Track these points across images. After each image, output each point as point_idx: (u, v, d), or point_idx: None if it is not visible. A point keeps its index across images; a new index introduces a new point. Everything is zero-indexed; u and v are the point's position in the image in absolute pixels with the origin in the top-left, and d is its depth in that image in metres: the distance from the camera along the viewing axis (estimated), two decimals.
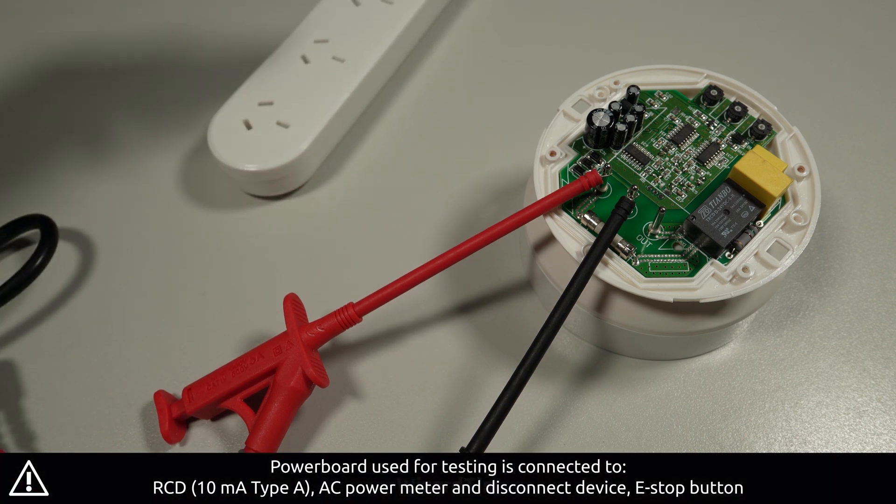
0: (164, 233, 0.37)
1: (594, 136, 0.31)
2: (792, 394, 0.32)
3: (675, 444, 0.31)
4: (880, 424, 0.31)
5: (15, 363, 0.33)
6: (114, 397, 0.32)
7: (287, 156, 0.36)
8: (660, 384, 0.32)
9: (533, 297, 0.34)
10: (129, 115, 0.41)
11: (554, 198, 0.29)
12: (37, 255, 0.33)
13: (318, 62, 0.39)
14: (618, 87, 0.33)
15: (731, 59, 0.42)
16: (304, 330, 0.30)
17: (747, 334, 0.33)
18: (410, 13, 0.41)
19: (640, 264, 0.29)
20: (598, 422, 0.31)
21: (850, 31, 0.43)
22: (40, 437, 0.31)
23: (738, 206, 0.28)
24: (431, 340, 0.33)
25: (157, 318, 0.34)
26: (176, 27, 0.44)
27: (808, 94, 0.41)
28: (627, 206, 0.28)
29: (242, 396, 0.30)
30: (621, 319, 0.30)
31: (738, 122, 0.32)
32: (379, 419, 0.31)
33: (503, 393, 0.27)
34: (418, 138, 0.40)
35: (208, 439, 0.31)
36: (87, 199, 0.38)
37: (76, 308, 0.34)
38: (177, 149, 0.40)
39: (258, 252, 0.36)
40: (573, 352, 0.33)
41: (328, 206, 0.38)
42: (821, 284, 0.34)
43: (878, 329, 0.33)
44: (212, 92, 0.41)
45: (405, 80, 0.42)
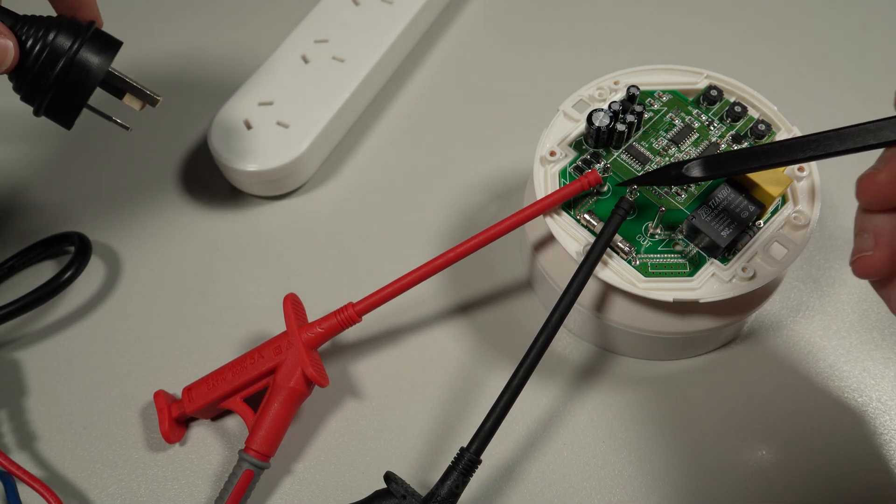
0: (164, 232, 0.37)
1: (594, 136, 0.31)
2: (792, 394, 0.32)
3: (675, 444, 0.31)
4: (880, 424, 0.31)
5: (19, 362, 0.33)
6: (114, 397, 0.32)
7: (287, 156, 0.36)
8: (660, 384, 0.32)
9: (533, 297, 0.34)
10: (130, 115, 0.41)
11: (554, 198, 0.29)
12: (65, 270, 0.33)
13: (318, 62, 0.39)
14: (618, 87, 0.33)
15: (731, 59, 0.42)
16: (304, 330, 0.30)
17: (747, 334, 0.33)
18: (410, 13, 0.41)
19: (640, 264, 0.29)
20: (598, 421, 0.31)
21: (850, 31, 0.43)
22: (40, 437, 0.31)
23: (738, 206, 0.28)
24: (431, 340, 0.33)
25: (157, 318, 0.34)
26: (177, 27, 0.44)
27: (808, 94, 0.41)
28: (627, 206, 0.28)
29: (242, 396, 0.30)
30: (621, 319, 0.30)
31: (738, 123, 0.32)
32: (379, 419, 0.31)
33: (503, 393, 0.27)
34: (418, 138, 0.40)
35: (208, 439, 0.31)
36: (86, 199, 0.38)
37: (76, 308, 0.35)
38: (177, 149, 0.40)
39: (258, 252, 0.36)
40: (573, 352, 0.33)
41: (328, 206, 0.38)
42: (821, 284, 0.34)
43: (878, 329, 0.33)
44: (212, 92, 0.41)
45: (405, 80, 0.42)
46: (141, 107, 0.30)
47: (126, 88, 0.29)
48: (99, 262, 0.36)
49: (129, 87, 0.29)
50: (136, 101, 0.30)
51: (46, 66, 0.26)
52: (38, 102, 0.27)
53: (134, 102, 0.30)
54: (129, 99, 0.30)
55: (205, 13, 0.45)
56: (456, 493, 0.26)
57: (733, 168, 0.26)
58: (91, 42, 0.27)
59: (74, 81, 0.27)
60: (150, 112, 0.41)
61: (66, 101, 0.27)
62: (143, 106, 0.30)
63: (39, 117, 0.28)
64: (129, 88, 0.29)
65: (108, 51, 0.28)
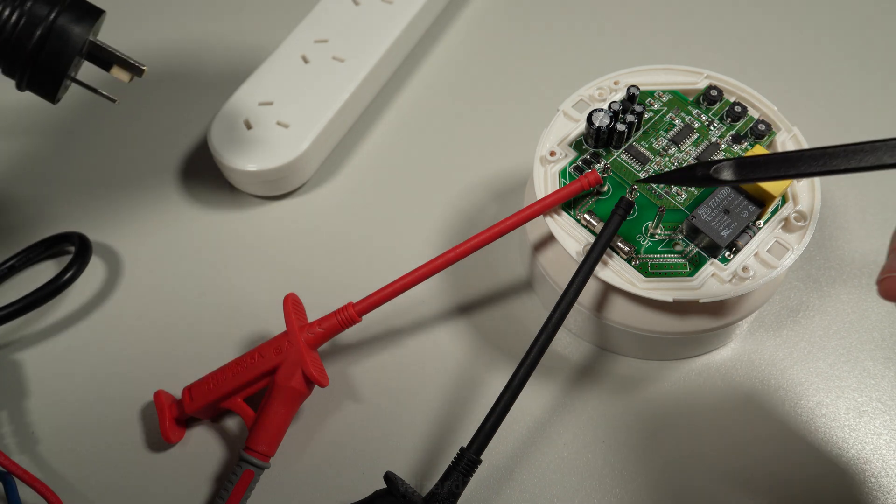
0: (164, 232, 0.37)
1: (594, 136, 0.31)
2: (792, 394, 0.32)
3: (675, 444, 0.31)
4: (880, 424, 0.31)
5: (19, 362, 0.33)
6: (114, 397, 0.32)
7: (287, 156, 0.36)
8: (660, 384, 0.32)
9: (533, 297, 0.34)
10: (130, 115, 0.41)
11: (554, 198, 0.29)
12: (65, 271, 0.33)
13: (318, 62, 0.39)
14: (618, 87, 0.33)
15: (731, 59, 0.42)
16: (303, 330, 0.30)
17: (747, 334, 0.33)
18: (410, 13, 0.41)
19: (640, 264, 0.29)
20: (598, 421, 0.31)
21: (850, 31, 0.43)
22: (41, 438, 0.31)
23: (737, 206, 0.28)
24: (431, 340, 0.33)
25: (157, 318, 0.34)
26: (177, 27, 0.44)
27: (808, 94, 0.41)
28: (627, 206, 0.28)
29: (242, 396, 0.30)
30: (621, 319, 0.30)
31: (738, 123, 0.32)
32: (379, 419, 0.31)
33: (503, 393, 0.27)
34: (418, 138, 0.40)
35: (208, 439, 0.31)
36: (86, 199, 0.38)
37: (76, 308, 0.35)
38: (177, 149, 0.40)
39: (258, 252, 0.36)
40: (573, 352, 0.33)
41: (328, 206, 0.38)
42: (821, 284, 0.34)
43: (878, 329, 0.33)
44: (212, 92, 0.41)
45: (405, 80, 0.42)
46: (129, 79, 0.29)
47: (112, 60, 0.29)
48: (99, 262, 0.36)
49: (115, 59, 0.29)
50: (124, 72, 0.29)
51: (23, 36, 0.26)
52: (19, 75, 0.26)
53: (122, 74, 0.29)
54: (117, 71, 0.29)
55: (204, 13, 0.45)
56: (456, 493, 0.26)
57: (767, 173, 0.24)
58: (70, 10, 0.26)
59: (54, 51, 0.26)
60: (150, 112, 0.41)
61: (47, 72, 0.26)
62: (131, 78, 0.29)
63: (24, 91, 0.27)
64: (116, 60, 0.29)
65: (87, 19, 0.27)
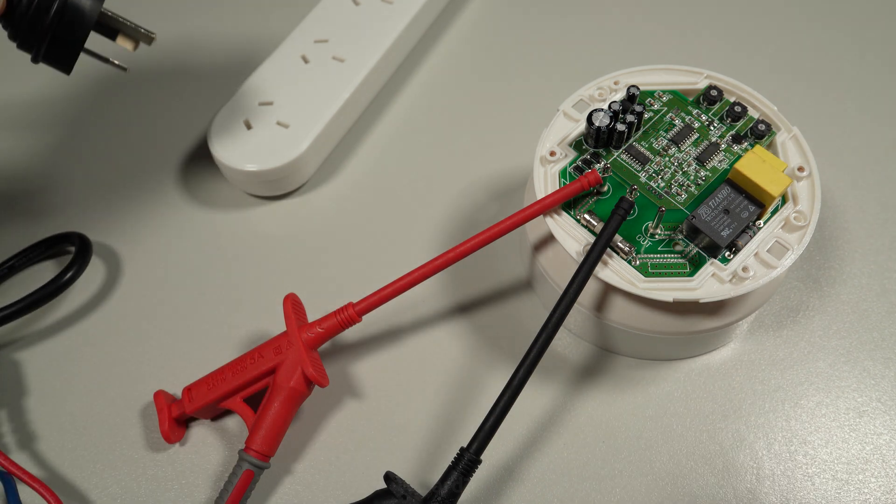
0: (164, 232, 0.37)
1: (594, 136, 0.31)
2: (792, 394, 0.32)
3: (675, 445, 0.31)
4: (880, 424, 0.31)
5: (19, 362, 0.33)
6: (114, 397, 0.32)
7: (287, 156, 0.36)
8: (660, 384, 0.32)
9: (533, 297, 0.34)
10: (130, 115, 0.41)
11: (554, 198, 0.29)
12: (65, 271, 0.33)
13: (318, 62, 0.39)
14: (618, 87, 0.33)
15: (731, 59, 0.42)
16: (303, 330, 0.30)
17: (747, 334, 0.33)
18: (410, 13, 0.41)
19: (640, 264, 0.29)
20: (598, 421, 0.31)
21: (850, 31, 0.43)
22: (41, 437, 0.31)
23: (737, 206, 0.28)
24: (431, 340, 0.33)
25: (157, 318, 0.34)
26: (176, 27, 0.44)
27: (808, 94, 0.41)
28: (627, 206, 0.28)
29: (242, 396, 0.30)
30: (621, 319, 0.30)
31: (738, 123, 0.32)
32: (379, 419, 0.31)
33: (503, 393, 0.27)
34: (418, 138, 0.40)
35: (208, 439, 0.31)
36: (86, 199, 0.38)
37: (76, 308, 0.35)
38: (177, 149, 0.40)
39: (258, 252, 0.36)
40: (573, 352, 0.33)
41: (328, 206, 0.38)
42: (821, 284, 0.34)
43: (878, 329, 0.33)
44: (212, 92, 0.41)
45: (405, 80, 0.42)
46: (134, 47, 0.29)
47: (119, 28, 0.29)
48: (99, 262, 0.36)
49: (122, 27, 0.29)
50: (129, 41, 0.29)
51: (41, 10, 0.26)
52: (35, 49, 0.27)
53: (127, 43, 0.29)
54: (122, 39, 0.29)
55: (204, 13, 0.45)
56: (456, 493, 0.26)
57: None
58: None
59: (70, 23, 0.27)
60: (150, 112, 0.41)
61: (63, 45, 0.27)
62: (135, 46, 0.29)
63: (38, 64, 0.27)
64: (122, 28, 0.29)
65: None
